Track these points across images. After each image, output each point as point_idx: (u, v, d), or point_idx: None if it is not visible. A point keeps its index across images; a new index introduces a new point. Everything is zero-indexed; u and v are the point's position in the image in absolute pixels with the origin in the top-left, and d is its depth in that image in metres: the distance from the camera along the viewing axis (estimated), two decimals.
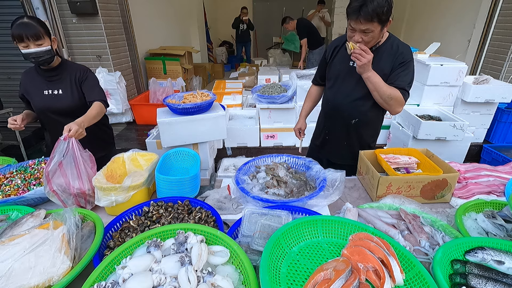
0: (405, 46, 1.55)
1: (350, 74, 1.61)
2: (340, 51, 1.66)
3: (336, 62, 1.68)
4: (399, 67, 1.51)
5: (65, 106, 1.76)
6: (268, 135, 3.40)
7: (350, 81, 1.63)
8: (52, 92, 1.74)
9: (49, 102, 1.74)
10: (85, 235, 1.06)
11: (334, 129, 1.81)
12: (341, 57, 1.65)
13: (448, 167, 1.46)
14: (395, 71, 1.52)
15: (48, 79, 1.74)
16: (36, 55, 1.56)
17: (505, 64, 3.98)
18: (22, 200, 1.37)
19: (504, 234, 1.10)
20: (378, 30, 1.38)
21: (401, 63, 1.51)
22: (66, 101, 1.76)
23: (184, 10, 7.07)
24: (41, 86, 1.74)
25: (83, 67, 1.84)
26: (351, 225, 0.99)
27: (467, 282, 0.84)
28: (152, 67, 5.21)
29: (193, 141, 2.06)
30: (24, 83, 1.77)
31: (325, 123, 1.85)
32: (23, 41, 1.52)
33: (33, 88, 1.75)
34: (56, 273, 0.88)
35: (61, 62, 1.77)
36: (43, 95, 1.73)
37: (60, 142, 1.35)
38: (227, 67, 8.89)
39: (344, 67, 1.64)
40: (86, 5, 3.41)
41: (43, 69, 1.72)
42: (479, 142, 3.41)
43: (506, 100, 3.05)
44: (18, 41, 1.53)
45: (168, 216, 1.19)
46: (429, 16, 6.44)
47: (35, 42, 1.54)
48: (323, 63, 1.80)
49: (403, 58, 1.51)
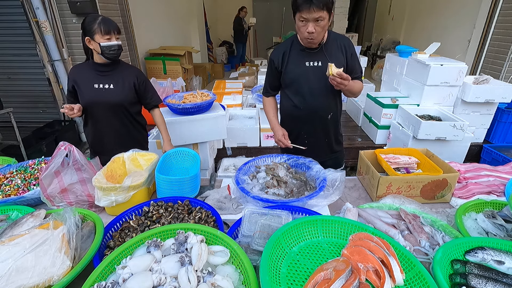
0: (345, 38, 1.67)
1: (310, 73, 1.63)
2: (290, 56, 1.65)
3: (291, 66, 1.65)
4: (352, 59, 1.65)
5: (114, 100, 1.80)
6: (268, 135, 3.40)
7: (313, 80, 1.63)
8: (103, 86, 1.78)
9: (98, 95, 1.78)
10: (85, 235, 1.06)
11: (314, 131, 1.78)
12: (294, 60, 1.64)
13: (448, 167, 1.46)
14: (349, 64, 1.64)
15: (101, 74, 1.79)
16: (118, 47, 1.71)
17: (505, 64, 3.98)
18: (22, 200, 1.37)
19: (504, 234, 1.10)
20: (327, 20, 1.44)
21: (351, 55, 1.64)
22: (116, 95, 1.80)
23: (184, 10, 7.07)
24: (92, 80, 1.79)
25: (138, 70, 1.93)
26: (351, 225, 0.99)
27: (467, 282, 0.84)
28: (152, 67, 5.21)
29: (193, 141, 2.06)
30: (73, 76, 1.82)
31: (302, 128, 1.79)
32: (109, 34, 1.65)
33: (84, 81, 1.80)
34: (56, 273, 0.88)
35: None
36: (93, 88, 1.78)
37: (60, 150, 1.36)
38: (227, 67, 8.89)
39: (302, 69, 1.63)
40: (86, 5, 3.41)
41: (96, 63, 1.77)
42: (479, 142, 3.41)
43: (506, 100, 3.05)
44: (104, 34, 1.63)
45: (168, 216, 1.19)
46: (429, 15, 6.45)
47: (116, 36, 1.69)
48: (274, 73, 1.74)
49: (350, 50, 1.64)
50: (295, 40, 1.65)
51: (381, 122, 3.42)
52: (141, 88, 1.89)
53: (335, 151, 1.86)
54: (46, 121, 3.90)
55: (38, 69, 3.76)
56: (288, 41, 1.69)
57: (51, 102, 3.92)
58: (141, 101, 1.95)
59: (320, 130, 1.78)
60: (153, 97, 1.96)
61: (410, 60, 3.45)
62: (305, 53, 1.62)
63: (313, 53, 1.61)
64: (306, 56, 1.62)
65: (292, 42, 1.66)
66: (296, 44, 1.64)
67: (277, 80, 1.77)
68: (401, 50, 3.75)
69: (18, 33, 3.63)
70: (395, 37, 7.77)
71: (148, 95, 1.93)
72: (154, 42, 5.50)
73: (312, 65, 1.61)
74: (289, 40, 1.69)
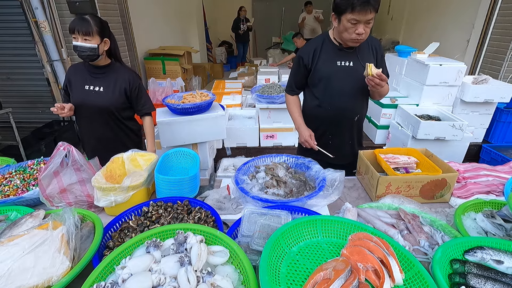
0: (375, 40, 1.66)
1: (341, 73, 1.60)
2: (321, 54, 1.61)
3: (322, 65, 1.62)
4: (381, 61, 1.65)
5: (101, 103, 1.80)
6: (267, 135, 3.40)
7: (344, 80, 1.61)
8: (93, 88, 1.79)
9: (87, 97, 1.79)
10: (85, 235, 1.06)
11: (339, 132, 1.75)
12: (325, 59, 1.61)
13: (447, 167, 1.46)
14: (378, 67, 1.58)
15: (93, 76, 1.80)
16: (80, 48, 1.65)
17: (504, 64, 3.98)
18: (21, 201, 1.37)
19: (503, 233, 1.10)
20: (373, 21, 1.42)
21: (381, 57, 1.65)
22: (104, 99, 1.80)
23: (184, 10, 7.07)
24: (84, 81, 1.80)
25: (135, 74, 1.91)
26: (350, 225, 0.99)
27: (466, 281, 0.84)
28: (151, 67, 5.21)
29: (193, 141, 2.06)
30: (68, 75, 1.84)
31: (327, 128, 1.76)
32: (74, 32, 1.63)
33: (76, 81, 1.81)
34: (56, 273, 0.88)
35: (111, 63, 1.83)
36: (83, 89, 1.79)
37: (59, 151, 1.35)
38: (226, 67, 8.89)
39: (333, 68, 1.60)
40: (85, 5, 3.41)
41: (91, 65, 1.78)
42: (478, 142, 3.41)
43: (505, 100, 3.06)
44: (70, 32, 1.64)
45: (168, 216, 1.19)
46: (428, 16, 6.45)
47: (83, 37, 1.63)
48: (302, 70, 1.69)
49: (380, 52, 1.64)
50: (326, 38, 1.61)
51: (380, 122, 3.43)
52: (132, 94, 1.87)
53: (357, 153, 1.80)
54: (45, 121, 3.89)
55: (37, 69, 3.75)
56: (319, 38, 1.65)
57: (50, 102, 3.91)
58: (133, 107, 1.94)
59: (346, 132, 1.75)
60: (145, 105, 1.93)
61: (409, 60, 3.46)
62: (337, 53, 1.59)
63: (345, 53, 1.58)
64: (338, 55, 1.59)
65: (324, 40, 1.62)
66: (328, 42, 1.60)
67: (304, 78, 1.73)
68: (400, 50, 3.75)
69: (17, 33, 3.62)
70: (394, 37, 7.77)
71: (140, 101, 1.91)
72: (153, 42, 5.49)
73: (344, 65, 1.58)
74: (320, 37, 1.65)
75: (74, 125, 4.00)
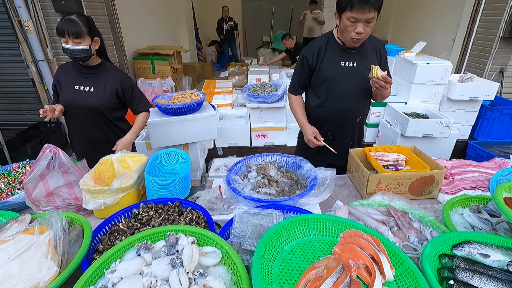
0: (380, 41, 1.65)
1: (345, 74, 1.59)
2: (325, 53, 1.60)
3: (326, 65, 1.61)
4: (384, 63, 1.63)
5: (91, 104, 1.77)
6: (259, 134, 3.40)
7: (347, 81, 1.60)
8: (83, 88, 1.76)
9: (77, 97, 1.76)
10: (73, 239, 1.04)
11: (341, 133, 1.74)
12: (330, 59, 1.60)
13: (435, 164, 1.49)
14: (383, 68, 1.58)
15: (83, 76, 1.77)
16: (72, 51, 1.62)
17: (488, 62, 4.10)
18: (6, 205, 1.33)
19: (489, 228, 1.13)
20: (375, 20, 1.40)
21: (385, 59, 1.65)
22: (94, 99, 1.77)
23: (172, 9, 6.99)
24: (74, 81, 1.77)
25: (126, 75, 1.89)
26: (342, 223, 1.00)
27: (455, 275, 0.86)
28: (140, 67, 5.14)
29: (183, 142, 2.04)
30: (57, 76, 1.80)
31: (329, 129, 1.75)
32: (64, 36, 1.59)
33: (66, 81, 1.78)
34: (43, 279, 0.85)
35: (101, 63, 1.80)
36: (73, 89, 1.76)
37: (45, 153, 1.32)
38: (217, 66, 8.85)
39: (337, 68, 1.59)
40: (71, 4, 3.33)
41: (81, 65, 1.74)
42: (464, 138, 3.49)
43: (489, 97, 3.14)
44: (59, 35, 1.59)
45: (159, 218, 1.18)
46: (415, 15, 6.57)
47: (74, 40, 1.60)
48: (306, 70, 1.68)
49: (384, 54, 1.64)
50: (331, 38, 1.60)
51: (370, 120, 3.48)
52: (126, 95, 1.86)
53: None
54: (31, 123, 3.79)
55: (21, 69, 3.64)
56: (323, 38, 1.63)
57: (35, 104, 3.81)
58: (128, 107, 1.93)
59: (347, 133, 1.74)
60: (140, 104, 1.93)
61: (398, 59, 3.51)
62: (341, 53, 1.57)
63: (350, 54, 1.57)
64: (343, 56, 1.58)
65: (328, 39, 1.60)
66: (332, 42, 1.59)
67: (308, 78, 1.71)
68: (388, 49, 3.79)
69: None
70: (382, 36, 7.89)
71: (135, 100, 1.90)
72: (142, 41, 5.41)
73: (348, 65, 1.57)
74: (324, 37, 1.64)
75: (61, 127, 3.91)
